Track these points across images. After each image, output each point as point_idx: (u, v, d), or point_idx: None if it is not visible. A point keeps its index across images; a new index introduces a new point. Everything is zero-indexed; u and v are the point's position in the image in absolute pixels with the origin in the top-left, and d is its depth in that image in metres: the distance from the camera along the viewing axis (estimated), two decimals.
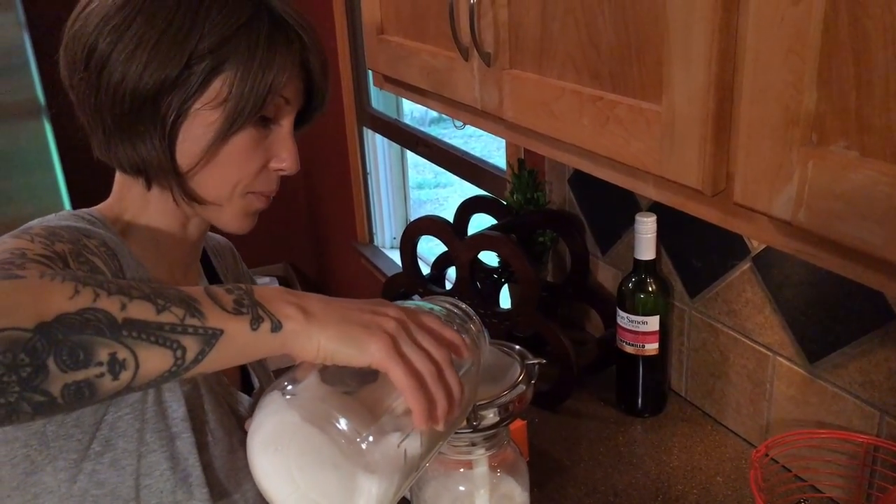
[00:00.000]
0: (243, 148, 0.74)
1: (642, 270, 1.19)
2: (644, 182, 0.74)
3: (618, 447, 1.19)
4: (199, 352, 0.53)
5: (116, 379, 0.50)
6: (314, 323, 0.57)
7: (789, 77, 0.54)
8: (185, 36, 0.69)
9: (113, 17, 0.70)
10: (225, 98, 0.71)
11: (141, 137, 0.72)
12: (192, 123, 0.72)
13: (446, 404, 0.59)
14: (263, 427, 0.58)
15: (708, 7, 0.59)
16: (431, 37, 1.06)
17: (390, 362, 0.58)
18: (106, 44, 0.70)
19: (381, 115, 2.45)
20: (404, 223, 2.62)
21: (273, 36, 0.72)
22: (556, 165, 1.50)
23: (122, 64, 0.70)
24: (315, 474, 0.57)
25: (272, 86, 0.72)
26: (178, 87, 0.70)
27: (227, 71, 0.70)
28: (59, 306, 0.49)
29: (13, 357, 0.46)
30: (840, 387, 1.00)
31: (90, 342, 0.49)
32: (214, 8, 0.70)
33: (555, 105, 0.81)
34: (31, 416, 0.49)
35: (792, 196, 0.55)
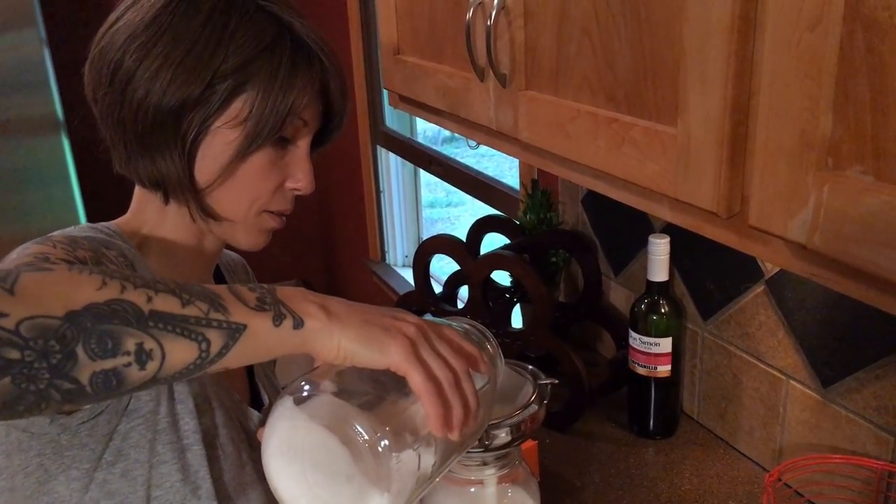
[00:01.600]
0: (260, 167, 0.75)
1: (655, 292, 1.19)
2: (659, 204, 0.74)
3: (629, 469, 1.18)
4: (223, 345, 0.54)
5: (143, 369, 0.51)
6: (335, 322, 0.58)
7: (805, 101, 0.54)
8: (210, 56, 0.71)
9: (140, 34, 0.72)
10: (245, 118, 0.72)
11: (161, 153, 0.74)
12: (211, 141, 0.73)
13: (462, 413, 0.59)
14: (278, 428, 0.58)
15: (724, 31, 0.60)
16: (448, 57, 1.07)
17: (409, 366, 0.57)
18: (132, 60, 0.72)
19: (395, 133, 2.47)
20: (416, 242, 2.63)
21: (295, 59, 0.73)
22: (569, 186, 1.50)
23: (147, 81, 0.71)
24: (327, 477, 0.57)
25: (292, 107, 0.73)
26: (199, 105, 0.72)
27: (248, 91, 0.72)
28: (88, 296, 0.50)
29: (44, 344, 0.47)
30: (854, 412, 1.00)
31: (118, 332, 0.49)
32: (239, 30, 0.72)
33: (570, 126, 0.82)
34: (60, 405, 0.49)
35: (807, 220, 0.55)
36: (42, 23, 2.13)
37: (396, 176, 2.61)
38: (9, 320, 0.46)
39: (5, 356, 0.46)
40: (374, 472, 0.55)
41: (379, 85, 2.48)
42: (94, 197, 2.23)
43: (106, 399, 0.51)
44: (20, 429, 0.68)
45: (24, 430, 0.68)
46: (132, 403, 0.71)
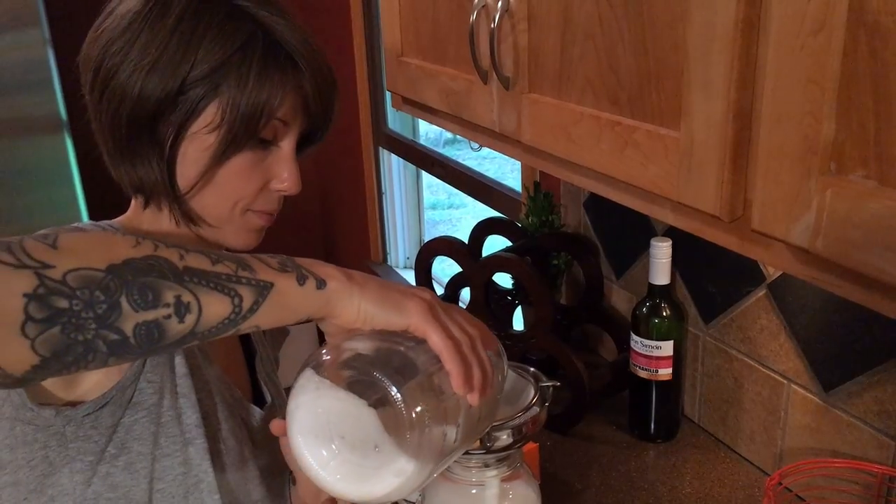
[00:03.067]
0: (240, 170, 0.74)
1: (657, 295, 1.19)
2: (662, 207, 0.74)
3: (630, 472, 1.18)
4: (254, 302, 0.55)
5: (182, 322, 0.52)
6: (355, 285, 0.59)
7: (808, 106, 0.54)
8: (179, 61, 0.70)
9: (116, 40, 0.72)
10: (219, 123, 0.72)
11: (140, 159, 0.74)
12: (188, 147, 0.73)
13: (481, 374, 0.60)
14: (303, 400, 0.59)
15: (728, 36, 0.60)
16: (451, 60, 1.07)
17: (428, 325, 0.59)
18: (108, 66, 0.72)
19: (398, 135, 2.47)
20: (418, 243, 2.63)
21: (266, 61, 0.72)
22: (571, 188, 1.50)
23: (122, 87, 0.71)
24: (355, 446, 0.57)
25: (264, 110, 0.72)
26: (174, 111, 0.71)
27: (220, 96, 0.71)
28: (126, 252, 0.51)
29: (89, 294, 0.48)
30: (855, 416, 1.00)
31: (157, 284, 0.51)
32: (209, 34, 0.71)
33: (573, 129, 0.82)
34: (106, 358, 0.50)
35: (810, 224, 0.56)
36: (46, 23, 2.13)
37: (398, 178, 2.61)
38: (56, 271, 0.48)
39: (55, 305, 0.47)
40: (403, 436, 0.56)
41: (381, 87, 2.49)
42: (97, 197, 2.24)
43: (148, 353, 0.52)
44: (26, 422, 0.68)
45: (30, 422, 0.68)
46: (136, 396, 0.71)
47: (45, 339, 0.47)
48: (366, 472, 0.57)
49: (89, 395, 0.69)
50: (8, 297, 0.46)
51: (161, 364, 0.73)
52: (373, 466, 0.57)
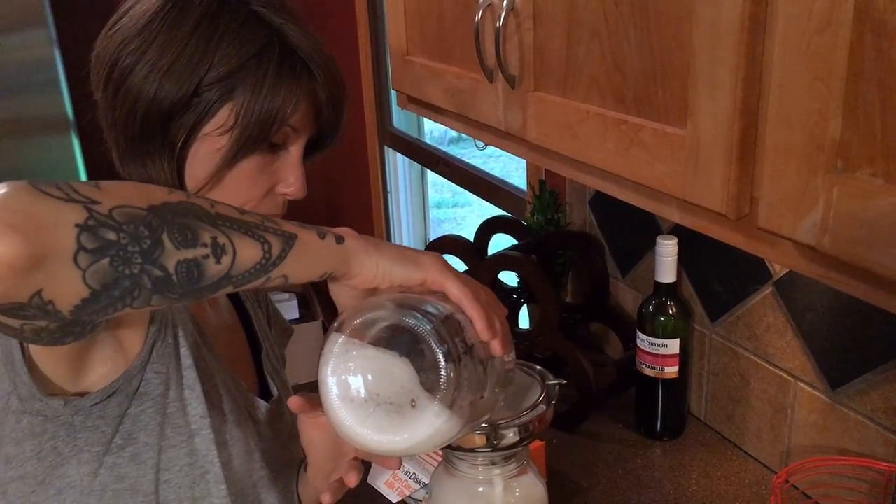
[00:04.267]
0: (249, 173, 0.75)
1: (663, 293, 1.19)
2: (668, 205, 0.74)
3: (636, 470, 1.18)
4: (281, 250, 0.56)
5: (219, 263, 0.53)
6: (371, 244, 0.61)
7: (815, 104, 0.54)
8: (197, 64, 0.71)
9: (132, 39, 0.72)
10: (231, 126, 0.72)
11: (151, 157, 0.74)
12: (199, 147, 0.74)
13: (500, 324, 0.62)
14: (334, 365, 0.60)
15: (734, 33, 0.60)
16: (456, 59, 1.07)
17: (445, 276, 0.62)
18: (123, 65, 0.72)
19: (403, 134, 2.48)
20: (423, 242, 2.63)
21: (282, 68, 0.73)
22: (576, 187, 1.50)
23: (137, 86, 0.72)
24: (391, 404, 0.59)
25: (277, 116, 0.73)
26: (187, 112, 0.72)
27: (234, 100, 0.72)
28: (163, 196, 0.53)
29: (134, 228, 0.50)
30: (862, 413, 0.99)
31: (195, 225, 0.52)
32: (227, 38, 0.72)
33: (579, 128, 0.82)
34: (149, 296, 0.51)
35: (817, 222, 0.56)
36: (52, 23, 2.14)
37: (403, 176, 2.61)
38: (103, 206, 0.49)
39: (104, 236, 0.48)
40: (437, 381, 0.57)
41: (387, 86, 2.49)
42: None
43: (188, 295, 0.53)
44: (34, 413, 0.69)
45: (38, 413, 0.69)
46: (142, 386, 0.72)
47: (96, 270, 0.48)
48: (403, 424, 0.59)
49: (96, 386, 0.69)
50: (61, 227, 0.47)
51: (167, 355, 0.73)
52: (409, 417, 0.58)
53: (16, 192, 0.47)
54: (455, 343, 0.58)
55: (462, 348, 0.59)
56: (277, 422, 0.89)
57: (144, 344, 0.71)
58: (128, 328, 0.70)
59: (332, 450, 0.81)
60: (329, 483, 0.82)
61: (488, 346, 0.62)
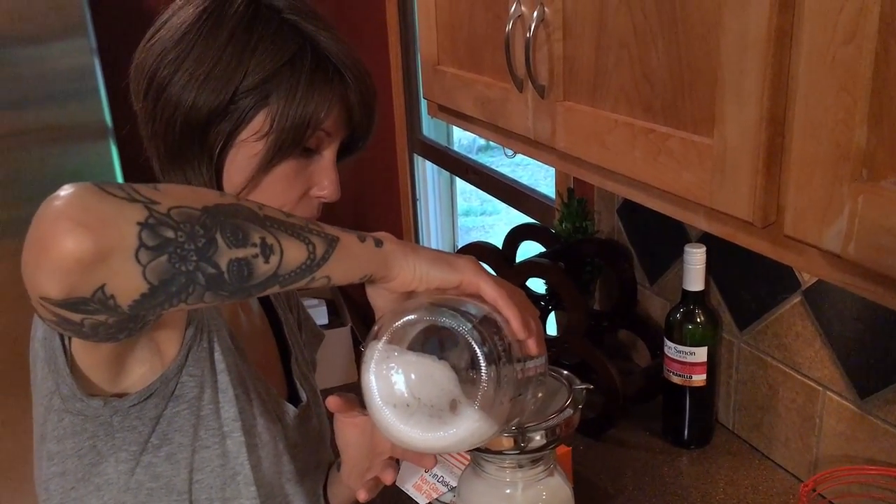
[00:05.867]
0: (285, 177, 0.78)
1: (691, 301, 1.19)
2: (695, 213, 0.75)
3: (663, 478, 1.19)
4: (325, 251, 0.58)
5: (267, 262, 0.55)
6: (408, 248, 0.63)
7: (840, 114, 0.55)
8: (232, 72, 0.74)
9: (171, 50, 0.75)
10: (267, 131, 0.75)
11: (190, 164, 0.77)
12: (237, 153, 0.76)
13: (534, 322, 0.64)
14: (376, 373, 0.62)
15: (761, 45, 0.61)
16: (487, 68, 1.09)
17: (479, 278, 0.64)
18: (162, 76, 0.75)
19: (432, 142, 2.50)
20: (452, 249, 2.65)
21: (314, 74, 0.75)
22: (605, 195, 1.51)
23: (176, 95, 0.75)
24: (432, 408, 0.61)
25: (311, 121, 0.76)
26: (224, 119, 0.75)
27: (270, 105, 0.75)
28: (215, 199, 0.55)
29: (190, 227, 0.52)
30: (891, 423, 0.99)
31: (245, 226, 0.54)
32: (261, 46, 0.74)
33: (607, 136, 0.83)
34: (203, 293, 0.53)
35: (842, 230, 0.56)
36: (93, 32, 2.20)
37: (432, 184, 2.63)
38: (161, 206, 0.51)
39: (163, 234, 0.51)
40: (478, 380, 0.59)
41: (417, 94, 2.51)
42: None
43: (239, 292, 0.55)
44: (75, 412, 0.71)
45: (79, 413, 0.71)
46: (178, 389, 0.74)
47: (155, 266, 0.51)
48: (444, 424, 0.60)
49: (134, 387, 0.72)
50: (125, 224, 0.50)
51: (202, 359, 0.76)
52: (450, 418, 0.60)
53: (83, 191, 0.50)
54: (494, 343, 0.60)
55: (501, 347, 0.60)
56: (305, 426, 0.91)
57: (181, 348, 0.73)
58: (165, 331, 0.72)
59: (367, 449, 0.83)
60: (365, 481, 0.84)
61: (524, 346, 0.64)
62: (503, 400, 0.60)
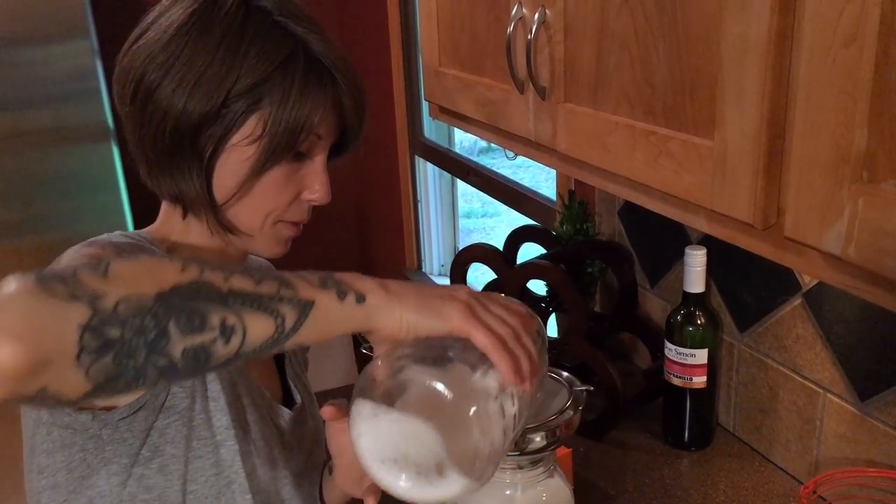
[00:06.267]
0: (276, 182, 0.77)
1: (691, 303, 1.19)
2: (696, 215, 0.75)
3: (663, 479, 1.19)
4: (296, 320, 0.56)
5: (228, 344, 0.53)
6: (394, 297, 0.61)
7: (841, 116, 0.55)
8: (224, 75, 0.72)
9: (158, 54, 0.73)
10: (260, 135, 0.74)
11: (180, 170, 0.76)
12: (228, 158, 0.75)
13: (528, 363, 0.62)
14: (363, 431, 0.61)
15: (761, 47, 0.61)
16: (488, 70, 1.09)
17: (470, 325, 0.61)
18: (150, 80, 0.74)
19: (434, 144, 2.50)
20: (453, 251, 2.65)
21: (307, 77, 0.74)
22: (605, 197, 1.51)
23: (165, 100, 0.73)
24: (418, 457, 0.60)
25: (305, 125, 0.75)
26: (216, 124, 0.73)
27: (262, 109, 0.73)
28: (173, 279, 0.53)
29: (140, 321, 0.50)
30: (891, 426, 0.99)
31: (203, 308, 0.53)
32: (253, 49, 0.73)
33: (608, 138, 0.83)
34: (155, 381, 0.52)
35: (842, 232, 0.57)
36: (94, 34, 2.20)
37: (434, 186, 2.63)
38: (108, 300, 0.50)
39: (108, 335, 0.49)
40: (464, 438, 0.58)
41: (418, 97, 2.52)
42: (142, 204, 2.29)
43: (195, 376, 0.54)
44: (63, 426, 0.70)
45: (68, 426, 0.70)
46: (168, 400, 0.73)
47: (99, 367, 0.49)
48: (430, 483, 0.60)
49: (123, 400, 0.70)
50: (64, 328, 0.48)
51: None
52: (437, 479, 0.59)
53: (19, 294, 0.48)
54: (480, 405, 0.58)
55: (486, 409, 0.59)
56: (301, 427, 0.91)
57: None
58: None
59: None
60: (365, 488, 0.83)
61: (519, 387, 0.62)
62: (490, 468, 0.60)
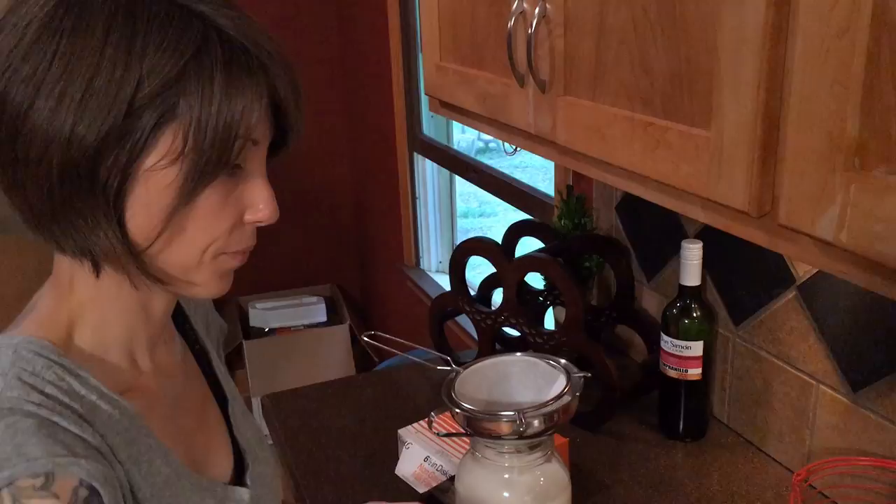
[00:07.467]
0: (211, 207, 0.61)
1: (687, 296, 1.21)
2: (692, 205, 0.77)
3: (658, 469, 1.20)
4: None
5: None
6: None
7: (834, 106, 0.57)
8: (120, 81, 0.55)
9: (21, 62, 0.55)
10: (180, 152, 0.58)
11: (80, 216, 0.58)
12: (142, 189, 0.59)
13: None
14: None
15: (757, 40, 0.63)
16: (488, 64, 1.11)
17: None
18: (17, 102, 0.56)
19: (432, 141, 2.52)
20: (450, 247, 2.67)
21: (230, 68, 0.58)
22: (603, 192, 1.53)
23: (43, 126, 0.55)
24: None
25: (238, 129, 0.59)
26: (119, 147, 0.56)
27: (178, 118, 0.57)
28: None
29: None
30: (883, 415, 1.01)
31: None
32: (151, 42, 0.56)
33: (607, 130, 0.85)
34: None
35: (834, 218, 0.58)
36: None
37: (432, 183, 2.65)
38: None
39: None
40: None
41: (417, 93, 2.54)
42: None
43: None
44: None
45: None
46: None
47: None
48: None
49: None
50: None
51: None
52: None
53: None
54: None
55: None
56: (260, 489, 0.78)
57: None
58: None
59: None
60: None
61: None
62: None
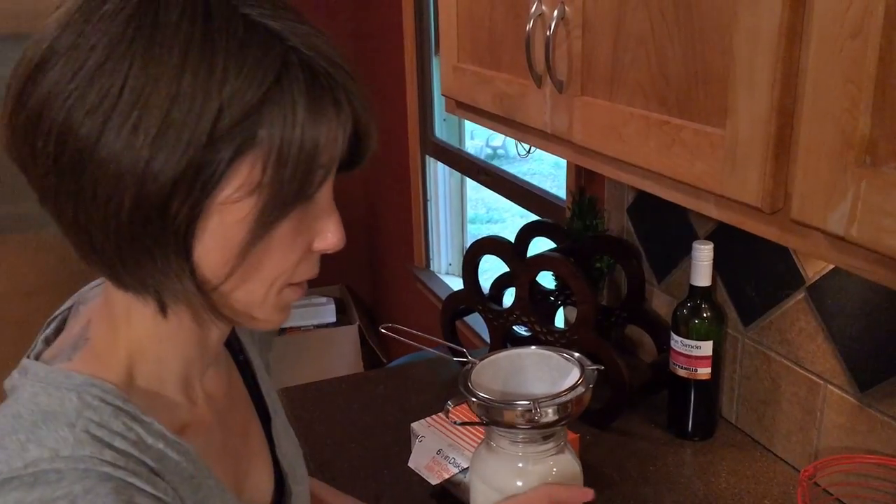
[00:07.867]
0: (285, 239, 0.58)
1: (698, 296, 1.23)
2: (706, 201, 0.79)
3: (667, 467, 1.22)
4: None
5: None
6: None
7: (846, 104, 0.59)
8: (200, 110, 0.51)
9: (87, 89, 0.50)
10: (258, 183, 0.54)
11: (149, 254, 0.54)
12: (216, 223, 0.55)
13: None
14: None
15: (772, 40, 0.65)
16: (506, 65, 1.13)
17: None
18: (84, 133, 0.51)
19: (445, 144, 2.54)
20: (461, 250, 2.69)
21: (313, 92, 0.54)
22: (615, 194, 1.55)
23: (114, 161, 0.51)
24: None
25: (320, 159, 0.55)
26: (194, 181, 0.52)
27: (257, 147, 0.53)
28: None
29: None
30: (890, 415, 1.03)
31: None
32: (232, 66, 0.51)
33: (623, 129, 0.87)
34: None
35: (846, 213, 0.60)
36: None
37: (444, 185, 2.68)
38: None
39: None
40: None
41: (430, 95, 2.56)
42: None
43: None
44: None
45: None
46: None
47: None
48: None
49: None
50: None
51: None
52: None
53: None
54: None
55: None
56: None
57: None
58: None
59: None
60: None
61: None
62: None
